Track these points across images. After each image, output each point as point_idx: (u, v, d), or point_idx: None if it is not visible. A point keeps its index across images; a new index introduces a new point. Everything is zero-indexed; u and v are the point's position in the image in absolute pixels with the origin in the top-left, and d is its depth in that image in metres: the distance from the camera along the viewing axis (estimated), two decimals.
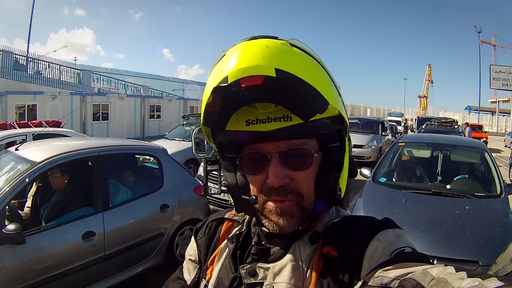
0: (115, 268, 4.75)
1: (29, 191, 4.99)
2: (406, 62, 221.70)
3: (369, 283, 0.74)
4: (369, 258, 0.87)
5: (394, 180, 6.42)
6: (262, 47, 0.85)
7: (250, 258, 1.04)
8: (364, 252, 0.88)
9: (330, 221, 1.02)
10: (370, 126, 18.45)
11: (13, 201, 4.33)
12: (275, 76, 0.80)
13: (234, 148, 1.02)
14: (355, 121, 19.19)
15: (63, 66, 34.63)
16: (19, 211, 4.70)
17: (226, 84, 0.84)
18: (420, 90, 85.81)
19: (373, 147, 16.38)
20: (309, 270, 0.95)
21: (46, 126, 9.96)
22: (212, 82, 0.88)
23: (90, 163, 4.95)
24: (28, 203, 4.92)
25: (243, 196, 1.03)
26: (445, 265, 0.68)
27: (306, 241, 0.99)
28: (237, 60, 0.84)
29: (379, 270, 0.76)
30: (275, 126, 0.90)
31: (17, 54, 32.28)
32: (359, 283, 0.79)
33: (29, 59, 33.30)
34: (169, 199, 5.57)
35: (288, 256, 0.98)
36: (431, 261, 0.81)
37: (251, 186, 1.00)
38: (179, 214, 5.68)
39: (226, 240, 1.16)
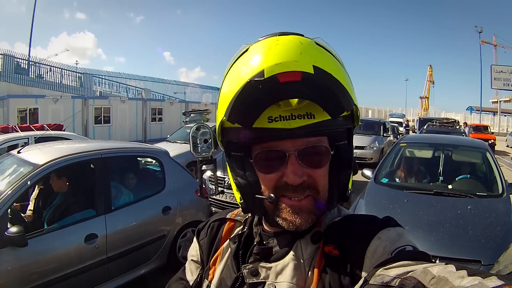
0: (117, 270, 4.75)
1: (32, 193, 4.99)
2: (407, 63, 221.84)
3: (370, 282, 0.74)
4: (370, 257, 0.87)
5: (396, 180, 6.42)
6: (296, 43, 0.86)
7: (252, 257, 1.05)
8: (365, 251, 0.88)
9: (332, 220, 1.02)
10: (372, 127, 18.41)
11: (15, 204, 4.33)
12: (313, 72, 0.81)
13: (242, 147, 0.99)
14: None
15: (64, 69, 34.85)
16: (22, 214, 4.70)
17: (263, 78, 0.82)
18: (421, 91, 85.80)
19: (375, 148, 16.40)
20: (310, 269, 0.95)
21: (48, 129, 9.96)
22: (242, 76, 0.87)
23: (92, 166, 4.95)
24: (31, 206, 4.92)
25: (256, 195, 0.99)
26: (446, 264, 0.68)
27: (308, 240, 0.99)
28: (274, 54, 0.84)
29: (380, 269, 0.76)
30: (300, 124, 0.89)
31: (19, 58, 32.51)
32: (360, 282, 0.79)
33: (30, 62, 33.47)
34: (171, 201, 5.57)
35: (290, 255, 0.98)
36: (433, 260, 0.81)
37: (263, 184, 0.98)
38: (181, 216, 5.69)
39: (228, 240, 1.16)
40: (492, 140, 26.99)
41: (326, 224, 1.02)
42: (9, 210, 3.98)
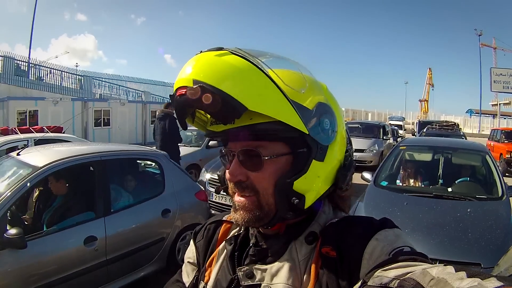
0: (117, 272, 4.75)
1: (31, 196, 4.99)
2: (407, 66, 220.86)
3: (369, 283, 0.75)
4: (368, 258, 0.87)
5: (395, 183, 6.41)
6: (193, 61, 0.93)
7: (248, 259, 1.06)
8: (363, 252, 0.88)
9: (328, 221, 1.03)
10: (371, 130, 18.47)
11: (14, 206, 4.33)
12: (192, 86, 0.87)
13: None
14: (356, 125, 19.27)
15: (64, 72, 34.87)
16: (21, 216, 4.70)
17: (173, 93, 0.95)
18: (421, 94, 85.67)
19: (375, 151, 16.39)
20: (307, 270, 0.96)
21: (47, 132, 9.97)
22: None
23: (91, 168, 4.94)
24: (30, 208, 4.92)
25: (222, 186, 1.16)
26: (445, 265, 0.68)
27: (302, 241, 1.00)
28: (179, 73, 0.94)
29: (379, 270, 0.76)
30: (221, 128, 0.99)
31: (19, 60, 32.55)
32: (358, 283, 0.79)
33: (30, 64, 33.51)
34: (171, 204, 5.56)
35: (285, 257, 0.99)
36: (432, 262, 0.81)
37: None
38: (180, 219, 5.67)
39: (224, 242, 1.17)
40: None
41: (320, 225, 1.03)
42: (8, 212, 3.99)
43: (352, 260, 0.89)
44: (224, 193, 1.16)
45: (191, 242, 1.31)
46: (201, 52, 0.95)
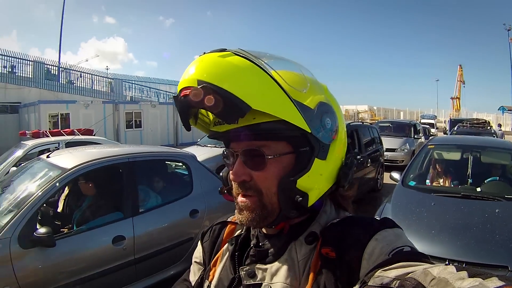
0: (144, 271, 4.81)
1: (61, 196, 5.11)
2: (437, 64, 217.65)
3: (369, 284, 0.76)
4: (368, 258, 0.88)
5: (425, 183, 6.34)
6: (196, 62, 0.94)
7: (249, 259, 1.09)
8: (363, 253, 0.89)
9: (329, 222, 1.04)
10: (403, 129, 18.33)
11: (44, 206, 4.43)
12: (196, 86, 0.88)
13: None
14: (387, 124, 19.12)
15: (94, 75, 35.35)
16: (51, 216, 4.82)
17: (177, 94, 0.96)
18: (452, 92, 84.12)
19: (406, 150, 16.25)
20: (306, 270, 0.97)
21: (78, 134, 10.15)
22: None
23: (120, 170, 5.03)
24: (60, 208, 5.04)
25: (225, 187, 1.18)
26: (446, 265, 0.69)
27: (302, 241, 1.02)
28: (183, 74, 0.95)
29: (379, 270, 0.77)
30: (224, 128, 1.00)
31: (49, 64, 33.15)
32: (358, 284, 0.81)
33: (60, 68, 34.04)
34: (199, 205, 5.59)
35: (285, 256, 1.01)
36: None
37: None
38: (208, 219, 5.64)
39: (227, 242, 1.21)
40: None
41: (321, 225, 1.04)
42: (38, 211, 4.11)
43: (351, 260, 0.90)
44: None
45: (199, 242, 1.35)
46: (204, 53, 0.97)
